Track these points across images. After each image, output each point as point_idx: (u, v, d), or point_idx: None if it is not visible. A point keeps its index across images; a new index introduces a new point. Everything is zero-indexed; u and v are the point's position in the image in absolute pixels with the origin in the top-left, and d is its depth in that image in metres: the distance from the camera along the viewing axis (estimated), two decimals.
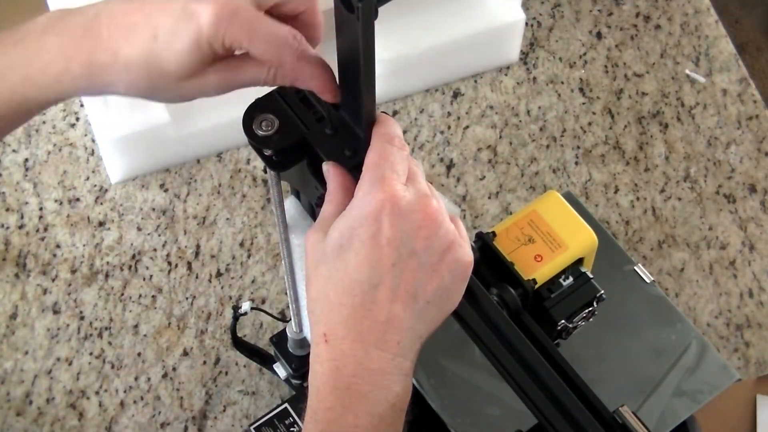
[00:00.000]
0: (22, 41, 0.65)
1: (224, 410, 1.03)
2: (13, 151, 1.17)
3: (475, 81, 1.25)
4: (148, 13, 0.62)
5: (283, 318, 1.05)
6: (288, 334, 0.92)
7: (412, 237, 0.61)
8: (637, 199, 1.18)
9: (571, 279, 0.73)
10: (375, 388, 0.62)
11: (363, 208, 0.61)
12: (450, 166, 1.19)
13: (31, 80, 0.64)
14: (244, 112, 0.72)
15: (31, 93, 0.65)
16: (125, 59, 0.62)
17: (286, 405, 0.94)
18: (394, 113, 1.21)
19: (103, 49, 0.63)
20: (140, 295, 1.09)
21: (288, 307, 0.99)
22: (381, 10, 0.59)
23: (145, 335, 1.07)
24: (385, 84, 1.19)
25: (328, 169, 0.67)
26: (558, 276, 0.73)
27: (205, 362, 1.06)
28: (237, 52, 0.64)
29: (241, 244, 1.12)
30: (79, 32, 0.63)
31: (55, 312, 1.08)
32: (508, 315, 0.67)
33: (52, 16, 0.65)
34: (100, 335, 1.07)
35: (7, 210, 1.13)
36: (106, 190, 1.15)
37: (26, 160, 1.16)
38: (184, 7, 0.61)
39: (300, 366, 0.93)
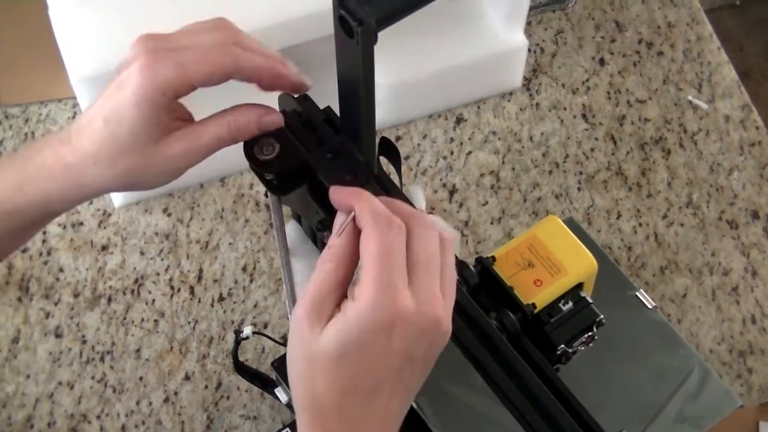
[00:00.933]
0: (13, 160, 0.70)
1: None
2: None
3: (478, 107, 1.25)
4: (98, 107, 0.66)
5: (285, 342, 1.05)
6: None
7: (418, 345, 0.60)
8: (640, 224, 1.18)
9: (570, 304, 0.73)
10: None
11: (371, 321, 0.58)
12: (453, 192, 1.19)
13: (21, 190, 0.68)
14: None
15: (21, 202, 0.69)
16: (92, 154, 0.66)
17: (287, 430, 0.94)
18: (397, 139, 1.22)
19: (73, 152, 0.67)
20: (142, 319, 1.09)
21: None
22: (382, 35, 0.59)
23: (147, 359, 1.07)
24: (387, 109, 1.20)
25: (337, 200, 0.63)
26: (557, 300, 0.73)
27: (206, 386, 1.06)
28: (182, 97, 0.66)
29: (244, 269, 1.12)
30: (57, 144, 0.68)
31: (58, 336, 1.08)
32: (507, 339, 0.67)
33: (41, 139, 0.71)
34: (102, 359, 1.07)
35: None
36: (110, 214, 1.15)
37: None
38: (116, 83, 0.65)
39: None
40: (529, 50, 1.27)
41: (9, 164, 0.70)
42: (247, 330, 0.93)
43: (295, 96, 0.74)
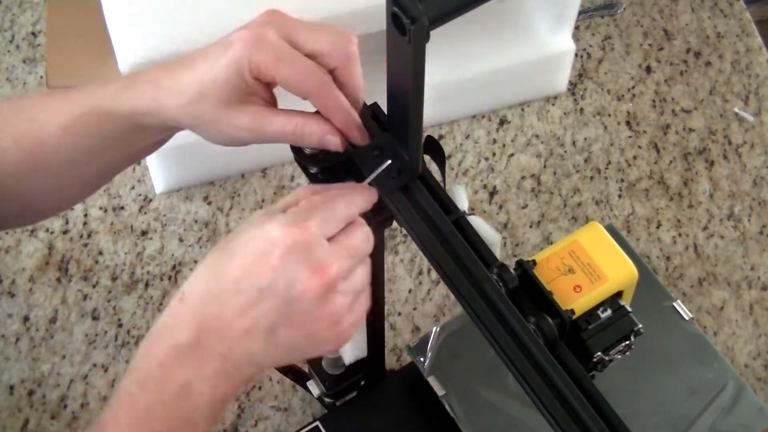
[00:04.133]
0: (122, 78, 0.76)
1: (256, 425, 1.04)
2: None
3: (522, 109, 1.25)
4: (207, 49, 0.71)
5: None
6: None
7: (289, 283, 0.62)
8: (680, 235, 1.17)
9: (609, 311, 0.73)
10: (192, 365, 0.63)
11: (273, 230, 0.63)
12: (493, 193, 1.19)
13: (121, 98, 0.73)
14: None
15: (125, 107, 0.73)
16: (181, 84, 0.70)
17: (317, 423, 0.94)
18: (440, 138, 1.22)
19: (168, 76, 0.71)
20: None
21: None
22: (432, 34, 0.59)
23: None
24: (431, 108, 1.19)
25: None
26: (596, 308, 0.73)
27: None
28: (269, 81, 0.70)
29: None
30: (163, 67, 0.73)
31: (94, 318, 1.09)
32: (544, 344, 0.67)
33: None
34: (137, 343, 1.07)
35: None
36: (151, 200, 1.16)
37: None
38: (227, 37, 0.70)
39: (334, 385, 0.93)
40: (576, 55, 1.27)
41: (127, 76, 0.76)
42: None
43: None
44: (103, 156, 0.77)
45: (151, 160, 1.14)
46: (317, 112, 0.71)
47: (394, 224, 0.73)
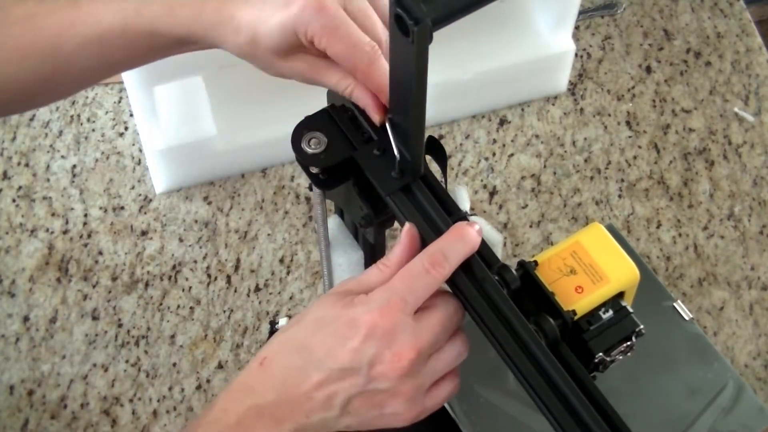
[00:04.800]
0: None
1: None
2: (62, 157, 1.18)
3: (522, 109, 1.25)
4: None
5: None
6: None
7: (370, 363, 0.64)
8: (680, 235, 1.17)
9: (611, 312, 0.73)
10: (269, 425, 0.65)
11: (356, 314, 0.64)
12: (493, 193, 1.19)
13: (172, 17, 0.74)
14: (292, 129, 0.72)
15: (166, 29, 0.74)
16: (237, 22, 0.72)
17: None
18: (440, 137, 1.22)
19: (225, 8, 0.73)
20: (178, 306, 1.10)
21: None
22: (434, 34, 0.59)
23: (181, 346, 1.08)
24: (432, 108, 1.18)
25: (405, 233, 0.69)
26: (598, 308, 0.73)
27: None
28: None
29: (281, 261, 1.13)
30: None
31: (94, 318, 1.09)
32: (546, 345, 0.67)
33: None
34: (137, 343, 1.07)
35: (53, 215, 1.14)
36: (151, 200, 1.16)
37: (74, 166, 1.18)
38: None
39: None
40: (576, 55, 1.27)
41: None
42: (282, 321, 0.94)
43: None
44: (124, 67, 0.81)
45: (152, 160, 1.14)
46: None
47: (396, 224, 0.73)
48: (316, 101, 0.76)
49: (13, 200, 1.15)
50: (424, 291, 0.66)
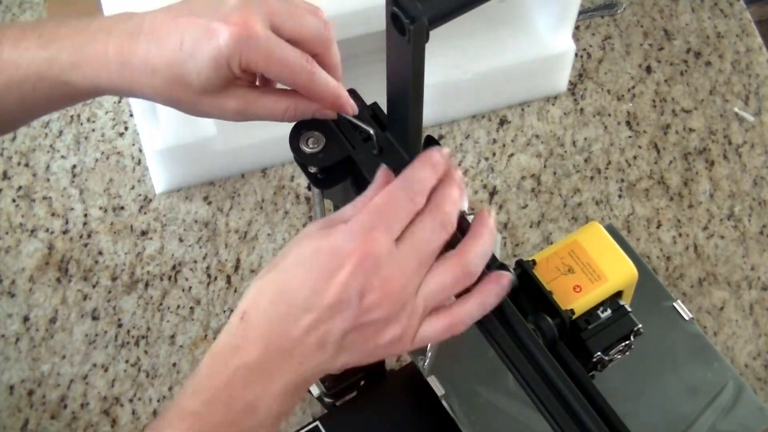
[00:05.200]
0: (82, 32, 0.71)
1: None
2: (62, 157, 1.18)
3: (522, 109, 1.25)
4: (180, 24, 0.68)
5: None
6: None
7: (360, 294, 0.61)
8: (680, 235, 1.17)
9: (609, 311, 0.73)
10: (260, 383, 0.63)
11: (339, 243, 0.61)
12: (493, 193, 1.19)
13: (78, 68, 0.70)
14: (291, 128, 0.72)
15: (75, 79, 0.71)
16: (153, 63, 0.68)
17: (317, 423, 0.94)
18: (440, 138, 1.22)
19: (136, 53, 0.69)
20: (178, 306, 1.10)
21: None
22: (432, 33, 0.59)
23: (181, 346, 1.08)
24: (431, 108, 1.19)
25: (380, 173, 0.67)
26: (596, 308, 0.73)
27: None
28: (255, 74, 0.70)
29: None
30: (125, 35, 0.70)
31: (94, 318, 1.09)
32: (544, 344, 0.67)
33: (112, 17, 0.72)
34: (137, 343, 1.07)
35: (53, 215, 1.14)
36: (150, 200, 1.16)
37: (74, 166, 1.18)
38: (208, 24, 0.67)
39: (334, 385, 0.93)
40: (576, 55, 1.27)
41: (70, 35, 0.71)
42: None
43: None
44: (46, 112, 0.79)
45: (152, 160, 1.14)
46: None
47: None
48: None
49: (13, 200, 1.15)
50: (404, 216, 0.63)
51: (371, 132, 0.71)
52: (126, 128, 1.21)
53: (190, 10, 0.69)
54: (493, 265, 0.69)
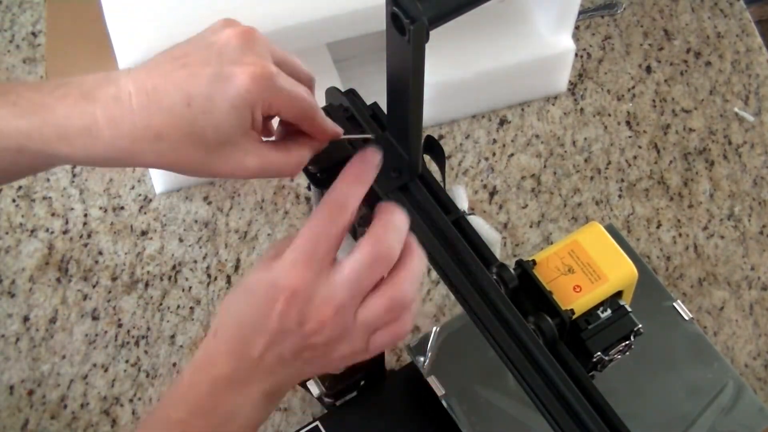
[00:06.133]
0: (62, 100, 0.64)
1: None
2: None
3: (522, 109, 1.25)
4: (177, 79, 0.62)
5: None
6: None
7: (298, 323, 0.63)
8: (680, 235, 1.17)
9: (609, 311, 0.73)
10: (238, 392, 0.65)
11: (273, 278, 0.63)
12: (493, 193, 1.19)
13: (66, 141, 0.63)
14: None
15: (64, 152, 0.64)
16: (156, 129, 0.62)
17: (317, 423, 0.94)
18: (440, 138, 1.22)
19: (132, 121, 0.62)
20: (178, 306, 1.10)
21: None
22: (432, 33, 0.59)
23: (181, 346, 1.08)
24: (431, 108, 1.20)
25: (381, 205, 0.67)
26: (596, 308, 0.73)
27: None
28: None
29: None
30: (111, 102, 0.63)
31: (94, 318, 1.09)
32: (544, 344, 0.67)
33: (88, 79, 0.65)
34: (137, 343, 1.07)
35: (53, 215, 1.14)
36: (150, 200, 1.16)
37: (74, 166, 1.18)
38: (218, 72, 0.62)
39: (334, 385, 0.93)
40: (576, 55, 1.27)
41: (50, 104, 0.64)
42: None
43: (342, 91, 0.74)
44: (22, 177, 0.74)
45: None
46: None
47: None
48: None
49: (13, 200, 1.15)
50: (329, 241, 0.63)
51: (372, 137, 0.71)
52: None
53: (183, 63, 0.63)
54: (493, 264, 0.69)
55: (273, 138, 0.70)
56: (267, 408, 0.67)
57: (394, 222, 0.64)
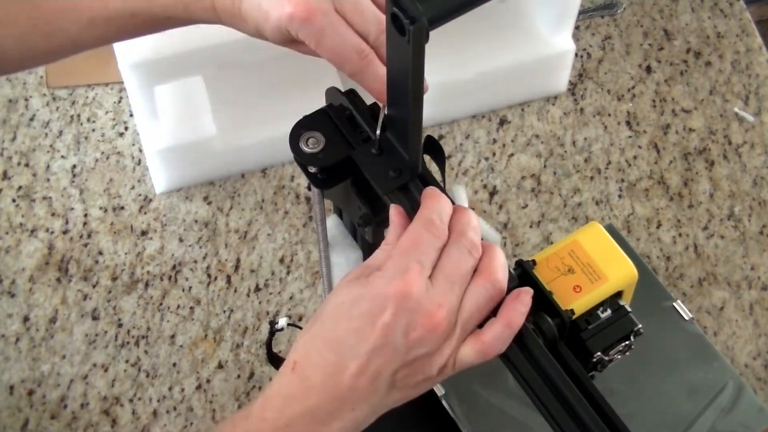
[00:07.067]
0: None
1: None
2: (62, 157, 1.18)
3: (522, 109, 1.25)
4: None
5: None
6: None
7: (404, 333, 0.63)
8: (680, 235, 1.17)
9: (609, 311, 0.73)
10: (316, 429, 0.64)
11: (378, 288, 0.63)
12: (493, 193, 1.19)
13: (186, 8, 0.80)
14: (291, 128, 0.72)
15: (184, 15, 0.81)
16: (243, 14, 0.78)
17: None
18: (440, 138, 1.22)
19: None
20: (178, 306, 1.10)
21: None
22: (432, 33, 0.59)
23: (181, 346, 1.08)
24: (432, 108, 1.19)
25: (394, 213, 0.68)
26: (596, 308, 0.73)
27: (239, 376, 1.06)
28: None
29: (281, 261, 1.13)
30: None
31: (94, 318, 1.09)
32: (544, 344, 0.67)
33: None
34: (137, 343, 1.07)
35: (53, 215, 1.14)
36: (151, 200, 1.16)
37: (74, 166, 1.18)
38: None
39: None
40: (576, 55, 1.27)
41: None
42: (282, 321, 0.93)
43: (343, 91, 0.74)
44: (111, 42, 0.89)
45: (152, 160, 1.14)
46: None
47: None
48: (315, 101, 0.76)
49: (13, 200, 1.15)
50: (432, 253, 0.64)
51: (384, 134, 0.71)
52: (126, 128, 1.21)
53: None
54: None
55: None
56: None
57: (470, 216, 0.67)
